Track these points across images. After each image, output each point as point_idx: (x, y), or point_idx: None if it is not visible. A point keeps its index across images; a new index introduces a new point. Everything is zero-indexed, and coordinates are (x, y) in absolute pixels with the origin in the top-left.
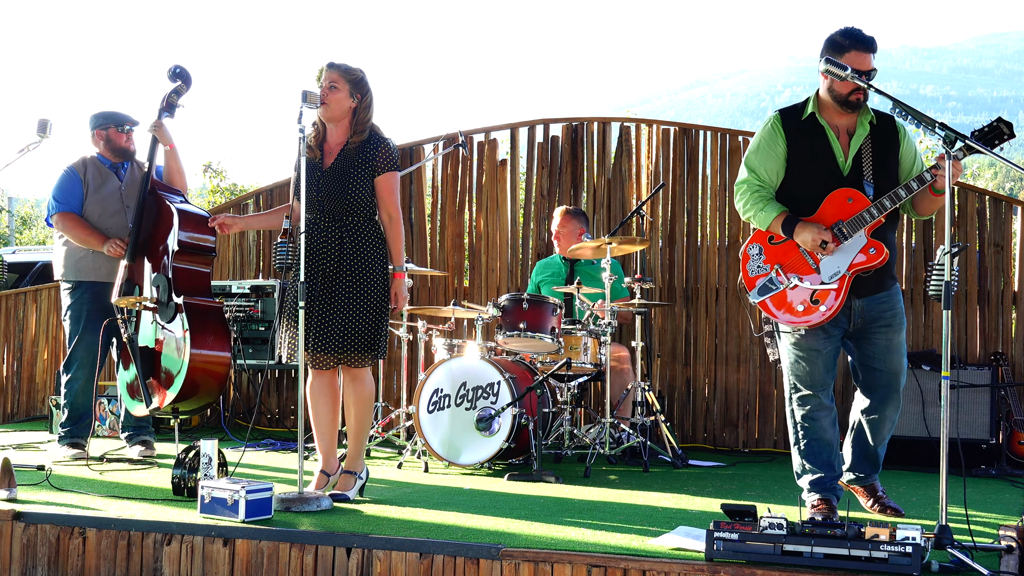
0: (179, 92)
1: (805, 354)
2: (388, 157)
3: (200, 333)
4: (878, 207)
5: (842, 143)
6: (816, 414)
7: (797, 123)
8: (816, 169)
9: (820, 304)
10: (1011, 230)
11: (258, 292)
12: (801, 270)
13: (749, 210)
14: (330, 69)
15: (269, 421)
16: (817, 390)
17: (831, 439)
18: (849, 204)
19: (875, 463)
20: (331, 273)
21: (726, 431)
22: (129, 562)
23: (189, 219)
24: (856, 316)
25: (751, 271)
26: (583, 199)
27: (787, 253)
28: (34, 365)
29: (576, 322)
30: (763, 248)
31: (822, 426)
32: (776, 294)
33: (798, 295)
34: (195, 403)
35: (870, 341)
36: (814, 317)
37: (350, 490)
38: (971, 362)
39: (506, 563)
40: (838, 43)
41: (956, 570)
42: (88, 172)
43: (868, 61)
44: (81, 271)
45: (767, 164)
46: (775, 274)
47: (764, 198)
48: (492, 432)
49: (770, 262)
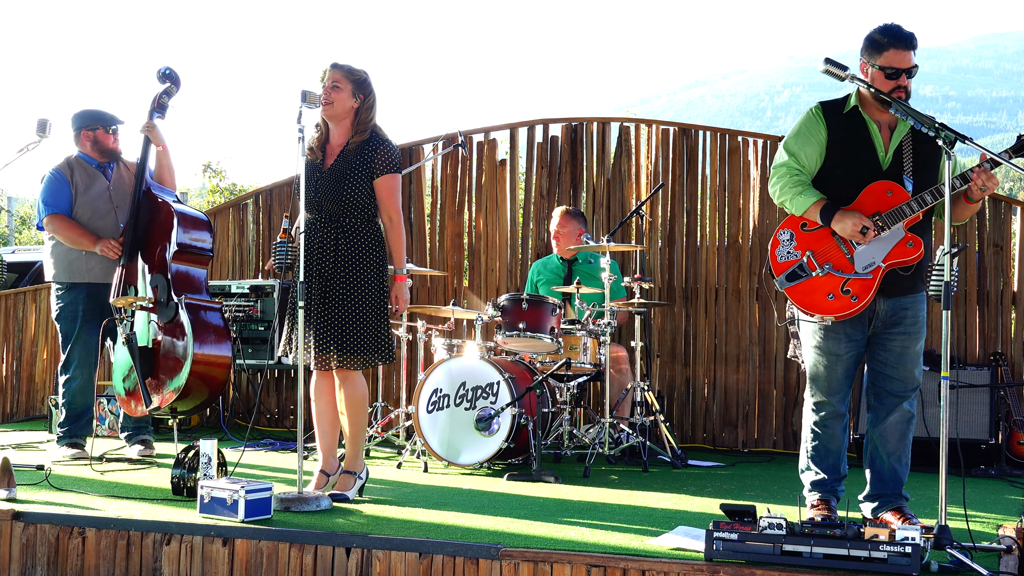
0: (169, 93)
1: (825, 359)
2: (388, 159)
3: (202, 333)
4: (919, 201)
5: (883, 137)
6: (829, 421)
7: (839, 114)
8: (856, 160)
9: (851, 295)
10: (1010, 230)
11: (257, 292)
12: (834, 258)
13: (785, 194)
14: (333, 69)
15: (268, 421)
16: (833, 397)
17: (840, 447)
18: (888, 197)
19: (895, 480)
20: (326, 274)
21: (725, 431)
22: (128, 562)
23: (188, 220)
24: (878, 318)
25: (780, 256)
26: (582, 199)
27: (820, 240)
28: (33, 365)
29: (575, 322)
30: (795, 234)
31: (833, 434)
32: (805, 281)
33: (829, 284)
34: (194, 402)
35: (885, 347)
36: (845, 308)
37: (349, 490)
38: (970, 362)
39: (505, 563)
40: (876, 41)
41: (955, 570)
42: (75, 173)
43: (908, 59)
44: (75, 272)
45: (807, 149)
46: (806, 260)
47: (802, 183)
48: (491, 432)
49: (801, 248)
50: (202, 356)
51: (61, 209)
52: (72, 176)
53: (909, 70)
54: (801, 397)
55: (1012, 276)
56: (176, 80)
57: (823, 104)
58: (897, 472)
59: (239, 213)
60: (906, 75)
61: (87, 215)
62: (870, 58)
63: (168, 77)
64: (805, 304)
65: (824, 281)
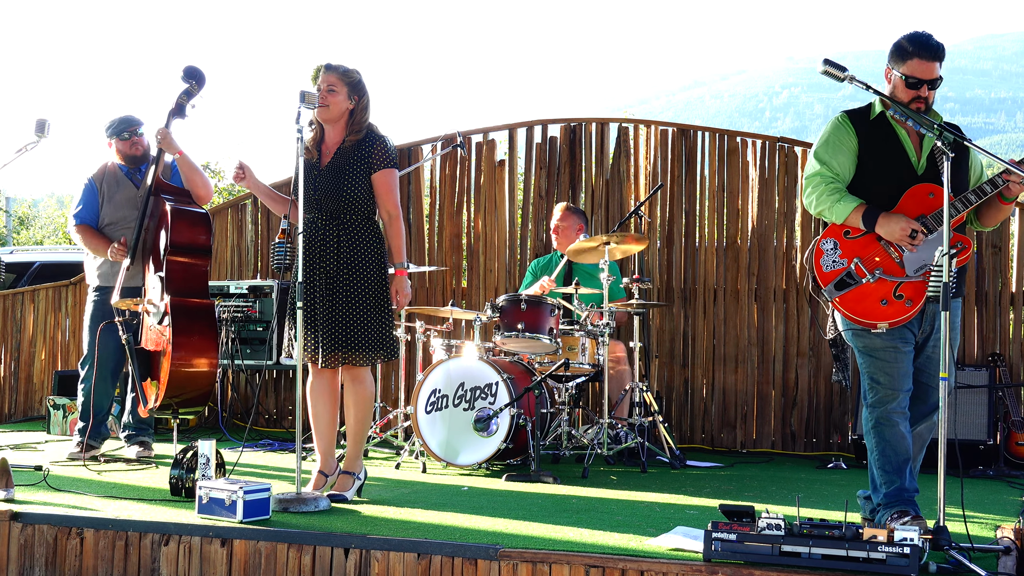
0: (190, 93)
1: (886, 354)
2: (384, 154)
3: (183, 333)
4: (963, 201)
5: (913, 143)
6: (894, 417)
7: (866, 122)
8: (891, 166)
9: (905, 299)
10: (1009, 231)
11: (256, 292)
12: (884, 264)
13: (823, 203)
14: (328, 71)
15: (267, 421)
16: (898, 390)
17: (907, 450)
18: (931, 199)
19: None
20: (331, 272)
21: (724, 432)
22: (127, 563)
23: (183, 218)
24: (926, 323)
25: (825, 266)
26: (581, 199)
27: (866, 247)
28: (32, 365)
29: (574, 322)
30: (839, 243)
31: (900, 432)
32: (855, 289)
33: (881, 290)
34: (188, 402)
35: (928, 355)
36: (900, 313)
37: (348, 491)
38: (969, 363)
39: (504, 563)
40: (903, 48)
41: (954, 571)
42: (104, 181)
43: (932, 69)
44: (101, 277)
45: (839, 158)
46: (854, 268)
47: (838, 190)
48: (490, 433)
49: (847, 256)
50: (182, 356)
51: (85, 219)
52: (101, 184)
53: (932, 81)
54: (800, 398)
55: (1011, 277)
56: (200, 79)
57: (848, 113)
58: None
59: (237, 214)
60: (928, 86)
61: (112, 221)
62: (895, 65)
63: (192, 76)
64: (857, 312)
65: (875, 287)
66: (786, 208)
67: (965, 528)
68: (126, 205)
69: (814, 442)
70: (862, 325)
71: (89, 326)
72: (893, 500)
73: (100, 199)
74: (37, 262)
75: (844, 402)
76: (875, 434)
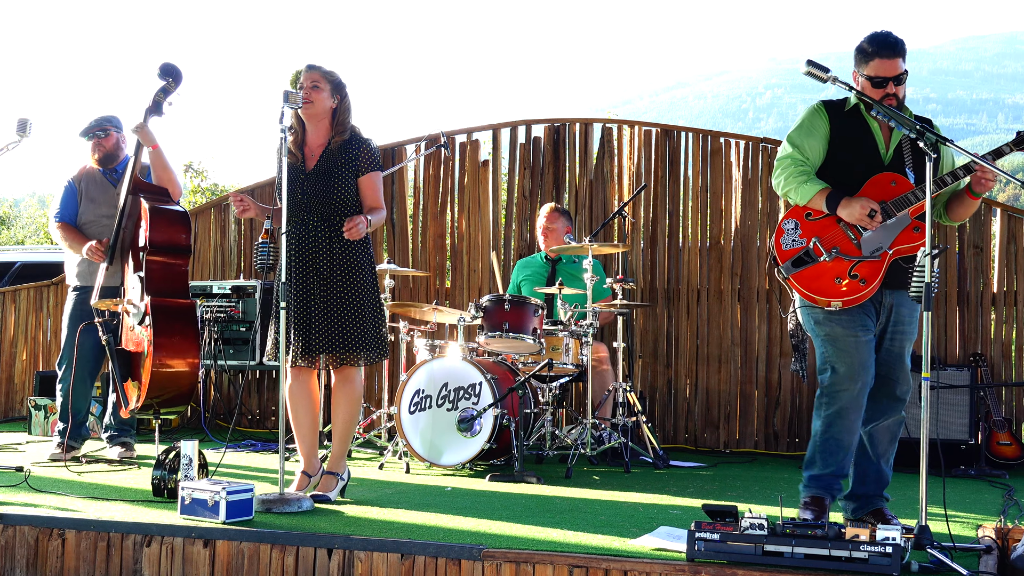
0: (167, 91)
1: (842, 341)
2: (370, 157)
3: (164, 334)
4: (937, 184)
5: (884, 136)
6: (844, 410)
7: (841, 112)
8: (858, 154)
9: (860, 278)
10: (990, 232)
11: (239, 293)
12: (841, 243)
13: (790, 183)
14: (311, 70)
15: (250, 422)
16: (853, 381)
17: (851, 443)
18: (893, 187)
19: (879, 481)
20: (324, 273)
21: (707, 432)
22: (108, 564)
23: (162, 217)
24: (883, 314)
25: (785, 245)
26: (565, 200)
27: (826, 227)
28: (12, 366)
29: (558, 323)
30: (799, 223)
31: (847, 425)
32: (812, 267)
33: (837, 268)
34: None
35: (888, 347)
36: (854, 291)
37: (331, 491)
38: (950, 363)
39: (488, 564)
40: (864, 50)
41: (936, 570)
42: (84, 181)
43: (895, 66)
44: (80, 276)
45: (810, 141)
46: (812, 246)
47: (806, 172)
48: (474, 433)
49: (807, 236)
50: (163, 357)
51: (65, 217)
52: (80, 184)
53: (898, 77)
54: (782, 398)
55: (992, 277)
56: (177, 77)
57: (825, 102)
58: (882, 473)
59: (221, 213)
60: (894, 82)
61: (90, 220)
62: (860, 67)
63: (168, 73)
64: (813, 289)
65: (832, 266)
66: (769, 208)
67: (947, 527)
68: (104, 204)
69: (797, 442)
70: (816, 303)
71: (68, 325)
72: (817, 483)
73: (79, 199)
74: (18, 262)
75: None
76: (824, 423)
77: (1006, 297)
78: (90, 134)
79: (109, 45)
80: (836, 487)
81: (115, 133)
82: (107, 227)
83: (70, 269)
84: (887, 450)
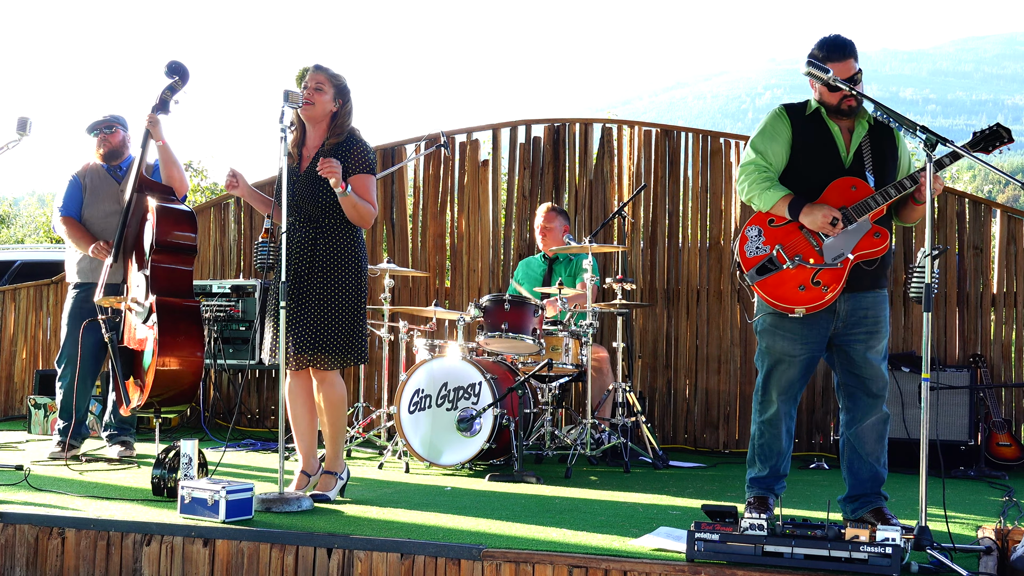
0: (174, 88)
1: (779, 360)
2: (362, 159)
3: (169, 334)
4: (883, 194)
5: (844, 139)
6: (776, 421)
7: (802, 115)
8: (819, 159)
9: (822, 285)
10: (990, 233)
11: (239, 292)
12: (803, 251)
13: (752, 190)
14: (317, 71)
15: (249, 421)
16: (782, 398)
17: (784, 448)
18: (853, 191)
19: (874, 480)
20: (303, 274)
21: (707, 432)
22: (108, 563)
23: (168, 216)
24: (839, 319)
25: (749, 252)
26: (565, 200)
27: (788, 234)
28: (12, 364)
29: (557, 322)
30: (763, 230)
31: (778, 434)
32: (775, 275)
33: (799, 276)
34: (171, 401)
35: (850, 347)
36: (817, 299)
37: (331, 490)
38: (950, 364)
39: (487, 563)
40: (817, 57)
41: (935, 571)
42: (88, 177)
43: (848, 67)
44: (81, 273)
45: (773, 147)
46: (775, 254)
47: (769, 179)
48: (473, 433)
49: (770, 243)
50: (168, 356)
51: (70, 212)
52: (85, 179)
53: (851, 78)
54: None
55: (991, 278)
56: (183, 74)
57: (786, 106)
58: (876, 473)
59: (220, 213)
60: (850, 83)
61: (93, 217)
62: None
63: (175, 71)
64: (776, 296)
65: (795, 273)
66: None
67: (947, 528)
68: (108, 200)
69: (796, 443)
70: (780, 309)
71: (68, 323)
72: (758, 484)
73: (83, 194)
74: (18, 261)
75: (826, 403)
76: (759, 429)
77: (1006, 298)
78: (97, 129)
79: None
80: (778, 486)
81: (121, 131)
82: (111, 224)
83: (71, 266)
84: (876, 449)
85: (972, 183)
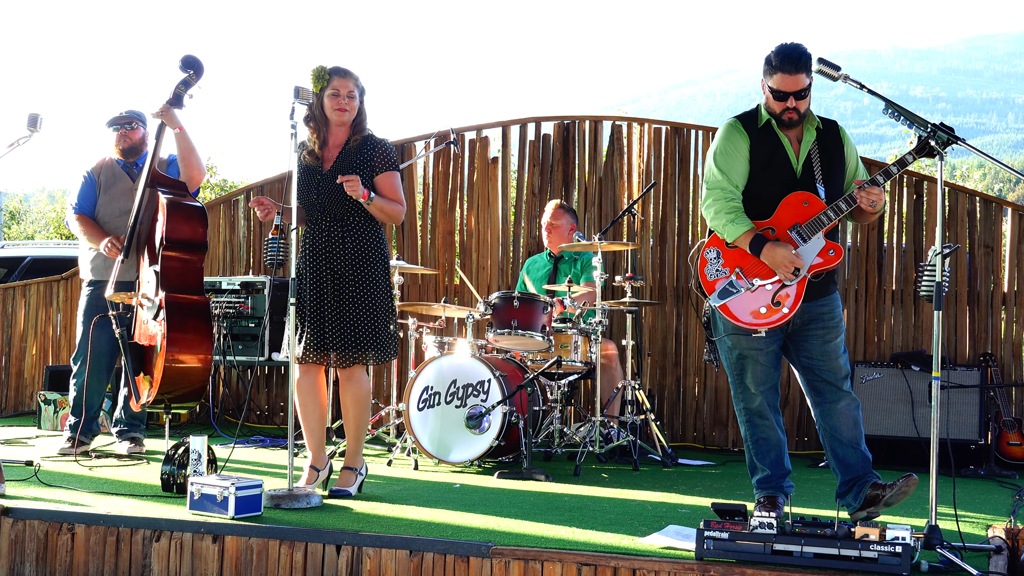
0: (188, 83)
1: (747, 355)
2: (386, 157)
3: (178, 330)
4: (835, 209)
5: (794, 149)
6: (764, 411)
7: (755, 128)
8: (773, 171)
9: (782, 306)
10: (1001, 231)
11: (248, 288)
12: (762, 273)
13: (719, 219)
14: (346, 76)
15: (258, 417)
16: (763, 387)
17: (780, 439)
18: (805, 207)
19: (863, 461)
20: (338, 271)
21: (716, 430)
22: (118, 559)
23: (179, 211)
24: (795, 318)
25: (710, 275)
26: (574, 197)
27: (746, 257)
28: (23, 360)
29: (567, 320)
30: (720, 252)
31: (770, 424)
32: (737, 297)
33: (760, 298)
34: (181, 397)
35: (807, 344)
36: (776, 318)
37: (351, 486)
38: (960, 363)
39: (496, 561)
40: (769, 62)
41: (945, 570)
42: (102, 174)
43: (796, 82)
44: (94, 270)
45: (735, 165)
46: (735, 277)
47: (735, 208)
48: (482, 430)
49: (729, 265)
50: (176, 352)
51: (83, 209)
52: (99, 176)
53: (798, 92)
54: (791, 397)
55: (1002, 277)
56: (198, 69)
57: (740, 118)
58: (862, 454)
59: (230, 209)
60: (795, 97)
61: (107, 214)
62: (766, 77)
63: (190, 65)
64: (738, 319)
65: (755, 295)
66: None
67: (957, 527)
68: (122, 197)
69: (806, 440)
70: (744, 328)
71: (83, 320)
72: (765, 485)
73: (97, 191)
74: (28, 257)
75: None
76: (749, 428)
77: (1016, 297)
78: (118, 125)
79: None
80: (786, 485)
81: (142, 128)
82: (125, 222)
83: (84, 264)
84: (854, 435)
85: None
